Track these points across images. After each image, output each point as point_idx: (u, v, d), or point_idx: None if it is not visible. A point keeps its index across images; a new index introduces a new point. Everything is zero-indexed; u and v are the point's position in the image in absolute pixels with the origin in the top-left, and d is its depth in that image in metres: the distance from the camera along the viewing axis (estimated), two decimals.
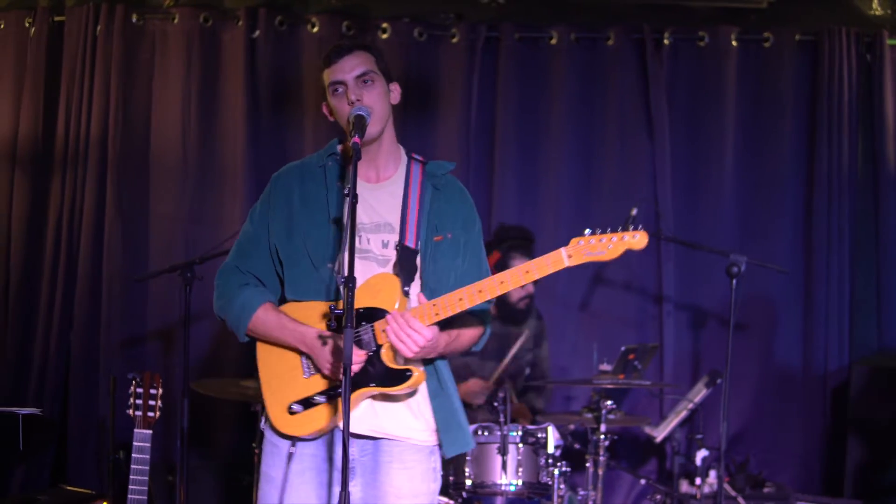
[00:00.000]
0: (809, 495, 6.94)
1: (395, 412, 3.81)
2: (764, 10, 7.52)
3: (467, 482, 5.66)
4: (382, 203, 3.87)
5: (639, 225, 3.60)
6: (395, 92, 3.95)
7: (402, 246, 3.81)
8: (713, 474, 6.61)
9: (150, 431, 4.88)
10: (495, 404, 5.61)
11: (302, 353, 3.82)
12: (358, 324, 3.73)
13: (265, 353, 3.93)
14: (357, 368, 3.68)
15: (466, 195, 4.03)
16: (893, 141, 7.46)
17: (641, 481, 7.02)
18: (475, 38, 7.46)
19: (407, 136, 3.94)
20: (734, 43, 7.50)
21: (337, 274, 3.76)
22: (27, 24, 7.42)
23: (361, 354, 3.69)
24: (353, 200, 3.43)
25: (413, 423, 3.86)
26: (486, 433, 5.70)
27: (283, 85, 7.44)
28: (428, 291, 3.78)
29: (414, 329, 3.60)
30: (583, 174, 7.53)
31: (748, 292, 7.12)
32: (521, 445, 5.69)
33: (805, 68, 7.53)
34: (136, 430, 4.88)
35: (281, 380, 3.86)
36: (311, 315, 3.81)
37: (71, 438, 7.22)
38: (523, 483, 5.66)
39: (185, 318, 5.73)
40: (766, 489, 6.92)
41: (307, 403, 3.78)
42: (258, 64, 7.40)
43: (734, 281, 5.94)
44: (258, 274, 3.95)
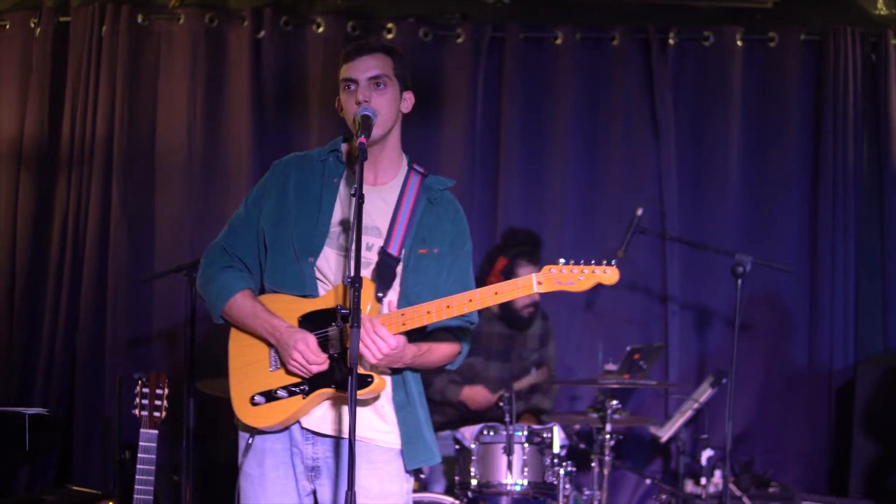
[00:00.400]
0: (814, 495, 6.93)
1: (360, 414, 3.67)
2: (769, 10, 7.52)
3: (473, 482, 5.65)
4: (374, 206, 3.84)
5: (612, 261, 3.65)
6: (408, 101, 3.93)
7: (384, 252, 3.79)
8: (718, 474, 6.61)
9: (156, 431, 4.89)
10: (501, 404, 5.60)
11: (271, 345, 3.81)
12: (327, 323, 3.73)
13: (236, 342, 3.93)
14: (320, 369, 3.68)
15: (461, 215, 4.00)
16: None
17: (647, 481, 7.01)
18: (480, 39, 7.47)
19: (412, 136, 3.93)
20: (739, 43, 7.51)
21: (323, 269, 3.78)
22: (32, 25, 7.43)
23: (323, 357, 3.68)
24: (359, 200, 3.44)
25: (380, 426, 3.83)
26: (491, 433, 5.69)
27: (289, 85, 7.44)
28: (405, 303, 3.75)
29: (379, 335, 3.57)
30: (588, 174, 7.54)
31: (753, 292, 7.13)
32: (526, 445, 5.68)
33: (810, 68, 7.53)
34: (141, 430, 4.88)
35: (247, 370, 3.86)
36: (285, 308, 3.80)
37: (77, 438, 7.22)
38: (529, 483, 5.65)
39: (190, 319, 5.75)
40: (772, 489, 6.92)
41: (269, 396, 3.78)
42: (263, 64, 7.41)
43: (739, 281, 5.94)
44: (243, 257, 3.95)
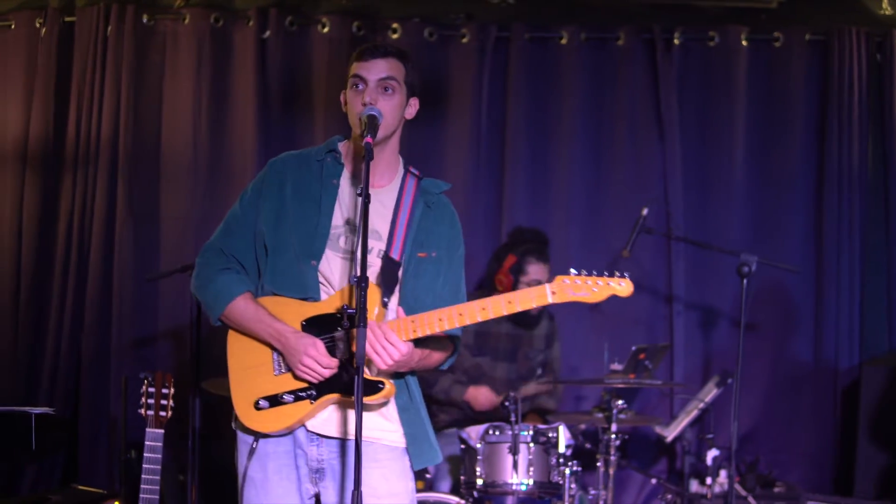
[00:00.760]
0: (820, 495, 6.92)
1: (365, 416, 3.61)
2: (774, 10, 7.51)
3: (478, 482, 5.64)
4: (373, 209, 3.76)
5: (625, 273, 3.65)
6: (413, 107, 3.93)
7: (386, 256, 3.78)
8: (724, 474, 6.61)
9: (162, 431, 4.88)
10: (506, 404, 5.60)
11: (274, 349, 3.79)
12: (332, 327, 3.71)
13: (236, 344, 3.90)
14: (328, 374, 3.67)
15: (456, 219, 4.02)
16: None
17: (652, 481, 7.02)
18: (485, 39, 7.46)
19: (417, 136, 3.94)
20: (744, 43, 7.50)
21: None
22: (38, 25, 7.43)
23: (333, 362, 3.67)
24: (365, 200, 3.44)
25: (385, 426, 3.84)
26: (497, 433, 5.68)
27: (294, 85, 7.44)
28: (405, 307, 3.76)
29: (391, 342, 3.57)
30: (593, 173, 7.54)
31: (758, 291, 7.13)
32: (532, 445, 5.67)
33: (815, 68, 7.53)
34: (147, 429, 4.87)
35: (249, 373, 3.84)
36: (287, 311, 3.78)
37: (83, 438, 7.23)
38: (534, 482, 5.64)
39: (196, 318, 5.75)
40: (777, 489, 6.92)
41: (274, 401, 3.75)
42: (269, 64, 7.41)
43: (745, 281, 5.93)
44: (240, 257, 3.91)
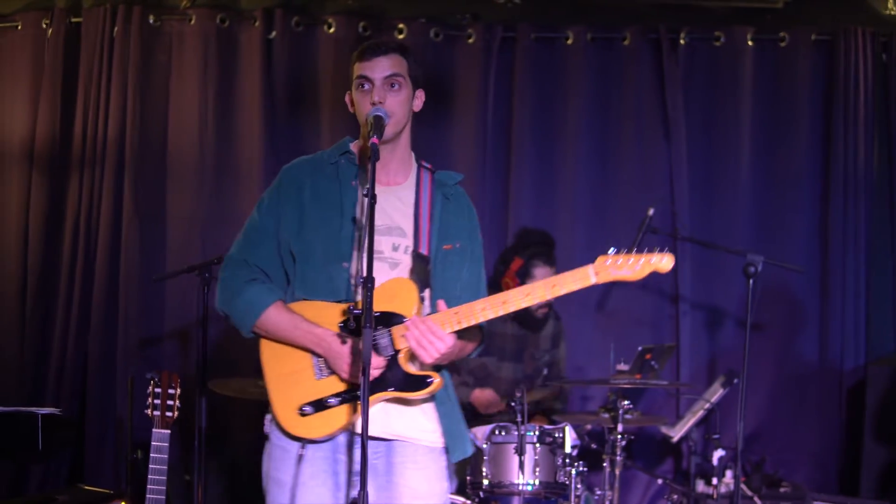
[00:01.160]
0: (826, 495, 6.92)
1: (407, 414, 3.80)
2: (779, 10, 7.51)
3: (484, 482, 5.64)
4: (393, 207, 3.86)
5: (664, 248, 3.65)
6: (419, 99, 3.95)
7: (416, 252, 3.80)
8: (730, 474, 6.60)
9: (169, 431, 4.89)
10: (512, 404, 5.60)
11: (314, 354, 3.78)
12: (374, 328, 3.68)
13: (271, 353, 3.87)
14: (377, 374, 3.66)
15: (473, 208, 4.06)
16: None
17: (658, 481, 7.01)
18: (491, 39, 7.47)
19: (423, 136, 3.95)
20: (750, 43, 7.50)
21: (356, 274, 3.75)
22: (44, 26, 7.45)
23: (380, 360, 3.67)
24: (371, 201, 3.44)
25: (425, 425, 3.85)
26: (503, 433, 5.68)
27: (300, 85, 7.45)
28: (437, 299, 3.78)
29: (437, 336, 3.60)
30: (599, 174, 7.54)
31: (764, 291, 7.11)
32: (538, 445, 5.67)
33: (821, 68, 7.52)
34: (154, 429, 4.88)
35: (289, 380, 3.81)
36: (322, 315, 3.77)
37: (89, 438, 7.24)
38: (540, 483, 5.65)
39: (202, 318, 5.75)
40: (783, 489, 6.91)
41: (319, 405, 3.73)
42: (275, 65, 7.42)
43: (751, 281, 5.93)
44: (265, 267, 3.89)
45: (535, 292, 3.64)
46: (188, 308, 7.09)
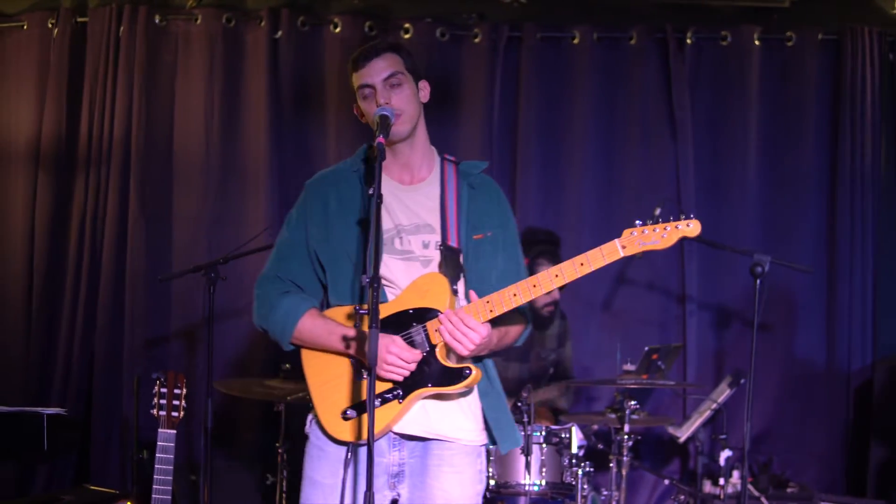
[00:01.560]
0: (833, 495, 6.91)
1: (446, 411, 3.79)
2: (786, 10, 7.49)
3: (491, 482, 5.65)
4: (419, 204, 3.86)
5: (690, 214, 3.64)
6: (425, 90, 3.95)
7: (445, 246, 3.80)
8: (737, 474, 6.59)
9: (175, 431, 4.88)
10: (518, 404, 5.60)
11: (352, 357, 3.78)
12: (409, 325, 3.71)
13: (311, 360, 3.88)
14: (413, 368, 3.68)
15: (502, 194, 4.04)
16: None
17: (665, 481, 7.01)
18: (497, 38, 7.46)
19: (429, 135, 3.94)
20: (757, 42, 7.49)
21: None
22: (50, 26, 7.46)
23: (417, 354, 3.67)
24: (377, 201, 3.44)
25: (464, 423, 3.84)
26: None
27: (306, 85, 7.45)
28: (474, 290, 3.76)
29: (469, 327, 3.60)
30: (605, 173, 7.53)
31: (771, 291, 7.09)
32: (544, 446, 5.68)
33: (827, 68, 7.51)
34: (160, 429, 4.87)
35: (330, 385, 3.81)
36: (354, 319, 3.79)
37: (95, 438, 7.24)
38: (547, 483, 5.66)
39: (208, 318, 5.74)
40: (790, 489, 6.90)
41: (361, 408, 3.72)
42: (281, 64, 7.42)
43: (758, 281, 5.91)
44: (297, 280, 3.92)
45: (563, 272, 3.65)
46: (194, 308, 7.09)
